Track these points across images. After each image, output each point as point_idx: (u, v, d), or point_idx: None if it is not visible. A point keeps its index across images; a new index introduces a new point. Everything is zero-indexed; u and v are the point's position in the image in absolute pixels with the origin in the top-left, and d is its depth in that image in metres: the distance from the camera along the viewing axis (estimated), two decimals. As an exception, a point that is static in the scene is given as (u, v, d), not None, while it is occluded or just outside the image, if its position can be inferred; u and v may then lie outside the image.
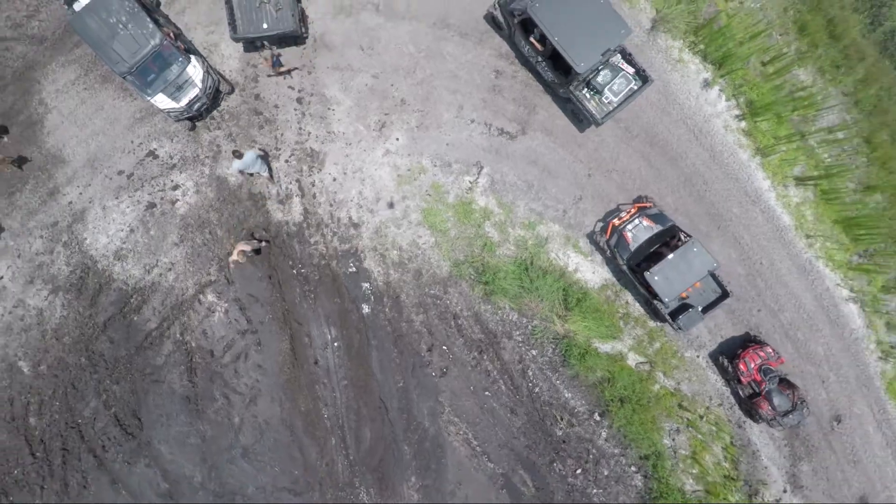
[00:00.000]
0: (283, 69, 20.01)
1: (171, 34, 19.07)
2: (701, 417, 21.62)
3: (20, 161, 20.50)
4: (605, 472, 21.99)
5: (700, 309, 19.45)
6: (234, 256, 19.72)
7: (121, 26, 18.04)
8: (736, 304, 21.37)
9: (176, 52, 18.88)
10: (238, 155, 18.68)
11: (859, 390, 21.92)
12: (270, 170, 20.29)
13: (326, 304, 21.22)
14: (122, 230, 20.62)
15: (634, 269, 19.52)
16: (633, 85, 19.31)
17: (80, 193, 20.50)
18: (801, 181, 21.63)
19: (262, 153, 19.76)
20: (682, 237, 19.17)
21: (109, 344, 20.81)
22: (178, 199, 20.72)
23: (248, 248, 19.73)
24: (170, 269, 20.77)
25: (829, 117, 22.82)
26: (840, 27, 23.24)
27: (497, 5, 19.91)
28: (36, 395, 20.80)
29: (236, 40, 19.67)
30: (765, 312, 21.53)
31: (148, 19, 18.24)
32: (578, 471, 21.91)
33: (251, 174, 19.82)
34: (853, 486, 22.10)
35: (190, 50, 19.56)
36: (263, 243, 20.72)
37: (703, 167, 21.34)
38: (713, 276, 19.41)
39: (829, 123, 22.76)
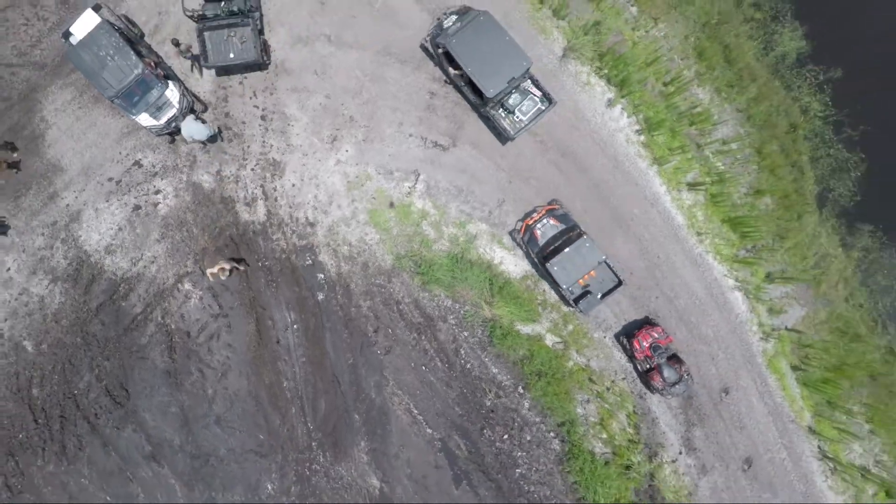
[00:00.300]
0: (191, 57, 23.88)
1: (152, 63, 22.77)
2: (607, 389, 25.34)
3: (15, 165, 24.16)
4: (528, 438, 25.67)
5: (599, 295, 23.15)
6: (214, 270, 23.43)
7: (109, 58, 21.72)
8: (637, 292, 25.13)
9: (156, 78, 22.56)
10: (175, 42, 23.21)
11: (744, 366, 25.68)
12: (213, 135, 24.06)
13: (287, 292, 24.92)
14: (112, 229, 24.35)
15: (542, 261, 23.23)
16: (541, 106, 23.06)
17: (76, 197, 24.24)
18: (692, 186, 25.38)
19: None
20: (581, 233, 22.88)
21: (101, 326, 24.55)
22: (159, 202, 24.44)
23: (227, 266, 23.41)
24: (153, 262, 24.49)
25: (724, 130, 26.57)
26: (735, 52, 26.97)
27: (428, 39, 23.68)
28: (38, 370, 24.52)
29: (208, 68, 23.42)
30: (662, 299, 25.27)
31: (132, 52, 21.93)
32: (505, 436, 25.58)
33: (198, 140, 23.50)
34: (739, 448, 25.83)
35: (168, 76, 23.27)
36: (242, 267, 24.48)
37: (608, 175, 25.09)
38: (609, 266, 23.12)
39: (724, 136, 26.51)
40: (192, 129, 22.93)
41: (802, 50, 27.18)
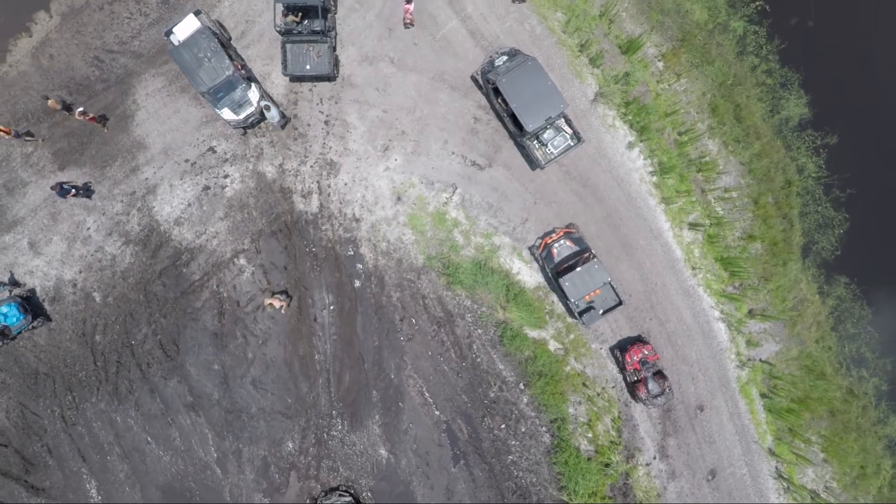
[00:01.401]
0: None
1: (239, 66, 26.80)
2: (598, 394, 29.52)
3: (103, 120, 28.17)
4: (523, 429, 29.81)
5: (600, 311, 27.33)
6: (270, 301, 27.90)
7: (206, 59, 25.75)
8: (634, 313, 29.32)
9: (241, 79, 26.59)
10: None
11: (719, 389, 29.90)
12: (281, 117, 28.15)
13: (328, 277, 29.00)
14: (182, 204, 28.44)
15: (555, 276, 27.39)
16: (571, 142, 27.20)
17: (155, 173, 28.31)
18: (693, 226, 29.59)
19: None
20: (591, 256, 27.06)
21: (162, 287, 28.64)
22: (226, 186, 28.52)
23: (277, 303, 27.93)
24: (214, 237, 28.57)
25: (727, 180, 30.77)
26: (745, 111, 31.13)
27: (479, 72, 27.80)
28: (102, 319, 28.56)
29: (285, 76, 27.49)
30: (655, 321, 29.46)
31: (225, 56, 25.95)
32: (503, 426, 29.71)
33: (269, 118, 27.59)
34: (707, 460, 30.06)
35: (251, 77, 27.33)
36: (289, 302, 28.67)
37: (621, 207, 29.25)
38: (612, 288, 27.29)
39: (726, 185, 30.71)
40: (273, 112, 27.10)
41: (805, 116, 31.30)
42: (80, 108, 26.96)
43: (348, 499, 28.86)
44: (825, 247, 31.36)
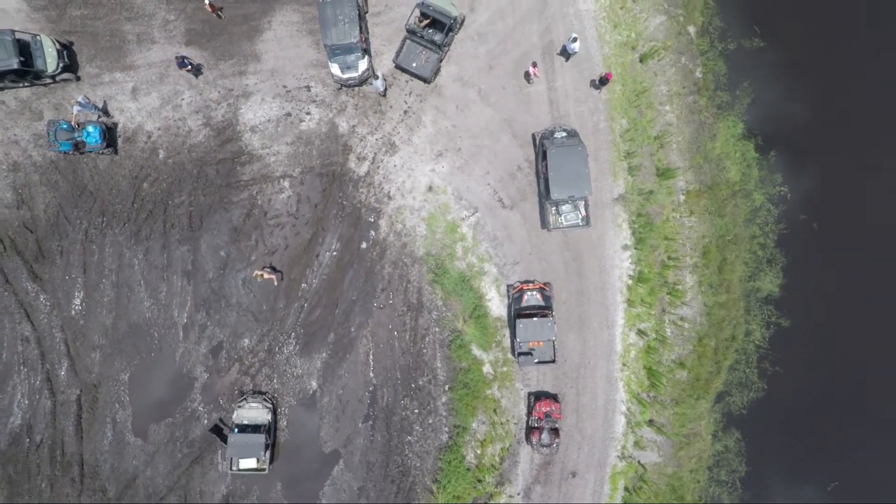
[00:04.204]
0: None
1: (363, 38, 34.84)
2: (501, 423, 37.79)
3: (220, 11, 35.66)
4: (430, 421, 37.95)
5: (535, 360, 35.63)
6: (260, 272, 35.71)
7: (342, 21, 33.65)
8: (560, 375, 37.63)
9: (359, 48, 34.49)
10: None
11: (596, 467, 38.20)
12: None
13: (344, 229, 37.11)
14: (264, 118, 36.40)
15: (515, 316, 35.67)
16: (580, 222, 35.46)
17: (256, 84, 36.27)
18: (641, 333, 37.99)
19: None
20: (551, 315, 35.52)
21: (214, 172, 36.60)
22: (304, 120, 36.51)
23: (266, 276, 35.86)
24: (274, 155, 36.59)
25: (686, 311, 39.11)
26: (728, 266, 39.39)
27: (539, 134, 36.15)
28: (156, 174, 36.50)
29: (393, 62, 35.74)
30: (573, 390, 37.83)
31: (357, 26, 33.81)
32: (416, 410, 37.81)
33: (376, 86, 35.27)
34: (559, 517, 38.77)
35: (367, 50, 35.38)
36: (276, 274, 36.60)
37: (593, 290, 37.54)
38: (553, 346, 35.69)
39: (684, 315, 39.05)
40: (379, 83, 34.98)
41: (773, 293, 39.34)
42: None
43: (269, 406, 37.04)
44: (736, 402, 39.59)
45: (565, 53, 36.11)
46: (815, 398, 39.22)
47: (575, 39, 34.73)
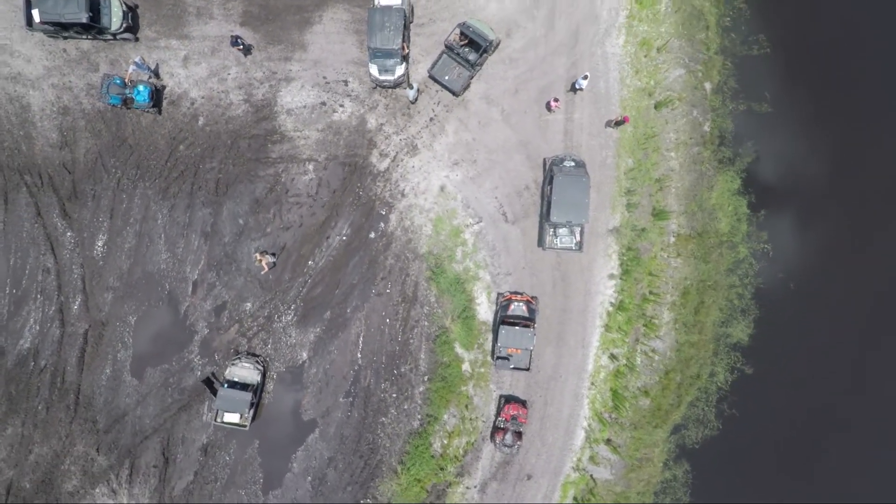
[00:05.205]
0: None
1: (405, 47, 38.61)
2: (470, 420, 41.76)
3: None
4: (406, 407, 41.96)
5: (511, 366, 39.53)
6: (261, 258, 39.61)
7: (387, 28, 37.38)
8: (533, 383, 41.60)
9: (399, 55, 38.19)
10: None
11: (550, 474, 42.14)
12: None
13: (356, 217, 41.06)
14: (300, 104, 40.25)
15: (500, 322, 39.59)
16: (573, 247, 39.32)
17: (298, 70, 40.15)
18: (612, 357, 42.08)
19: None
20: (533, 326, 39.59)
21: (246, 146, 40.44)
22: (336, 112, 40.45)
23: (265, 263, 39.84)
24: (304, 139, 40.55)
25: (658, 344, 43.10)
26: (704, 309, 43.26)
27: (550, 160, 40.11)
28: (192, 138, 40.31)
29: (428, 73, 39.71)
30: (542, 399, 41.85)
31: (401, 35, 37.44)
32: (394, 395, 41.81)
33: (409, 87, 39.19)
34: (510, 514, 42.88)
35: (405, 58, 39.16)
36: (272, 264, 40.56)
37: (576, 311, 41.53)
38: (530, 355, 39.64)
39: (655, 347, 43.04)
40: (413, 92, 38.93)
41: (742, 342, 43.12)
42: None
43: (260, 368, 40.99)
44: (691, 436, 43.57)
45: (573, 87, 40.10)
46: (765, 447, 43.23)
47: (586, 77, 38.84)
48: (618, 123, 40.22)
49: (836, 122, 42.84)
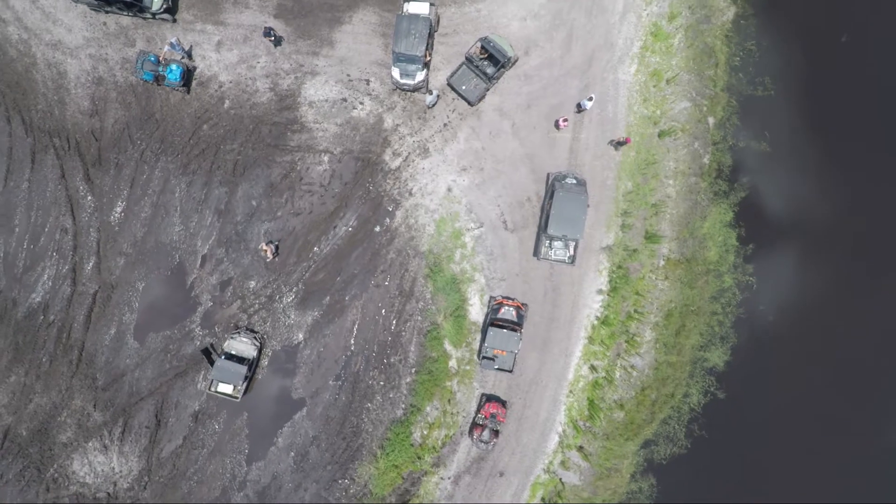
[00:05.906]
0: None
1: (428, 54, 41.31)
2: (451, 414, 44.62)
3: None
4: (391, 395, 44.73)
5: (495, 367, 42.21)
6: (265, 248, 42.45)
7: (413, 35, 40.02)
8: (514, 385, 44.43)
9: (421, 62, 40.75)
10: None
11: (521, 472, 44.81)
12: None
13: (364, 210, 43.85)
14: (322, 98, 42.95)
15: (489, 324, 42.44)
16: (566, 260, 42.08)
17: (324, 66, 42.83)
18: (593, 368, 44.92)
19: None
20: (520, 331, 42.44)
21: (268, 132, 43.18)
22: (356, 108, 43.20)
23: (269, 251, 42.67)
24: (323, 131, 43.28)
25: (637, 361, 45.80)
26: (685, 332, 45.93)
27: (553, 175, 42.92)
28: (216, 119, 42.98)
29: (447, 81, 42.49)
30: (521, 401, 44.52)
31: (425, 43, 40.05)
32: (382, 383, 44.61)
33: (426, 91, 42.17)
34: (480, 507, 45.70)
35: (427, 65, 41.96)
36: (275, 254, 43.38)
37: (563, 321, 44.33)
38: (515, 358, 42.44)
39: (634, 364, 45.79)
40: (432, 98, 41.72)
41: (718, 367, 45.74)
42: None
43: (257, 344, 43.66)
44: (659, 452, 46.23)
45: (579, 107, 42.79)
46: (730, 469, 45.81)
47: (591, 99, 41.72)
48: (620, 143, 42.97)
49: (830, 168, 45.41)
